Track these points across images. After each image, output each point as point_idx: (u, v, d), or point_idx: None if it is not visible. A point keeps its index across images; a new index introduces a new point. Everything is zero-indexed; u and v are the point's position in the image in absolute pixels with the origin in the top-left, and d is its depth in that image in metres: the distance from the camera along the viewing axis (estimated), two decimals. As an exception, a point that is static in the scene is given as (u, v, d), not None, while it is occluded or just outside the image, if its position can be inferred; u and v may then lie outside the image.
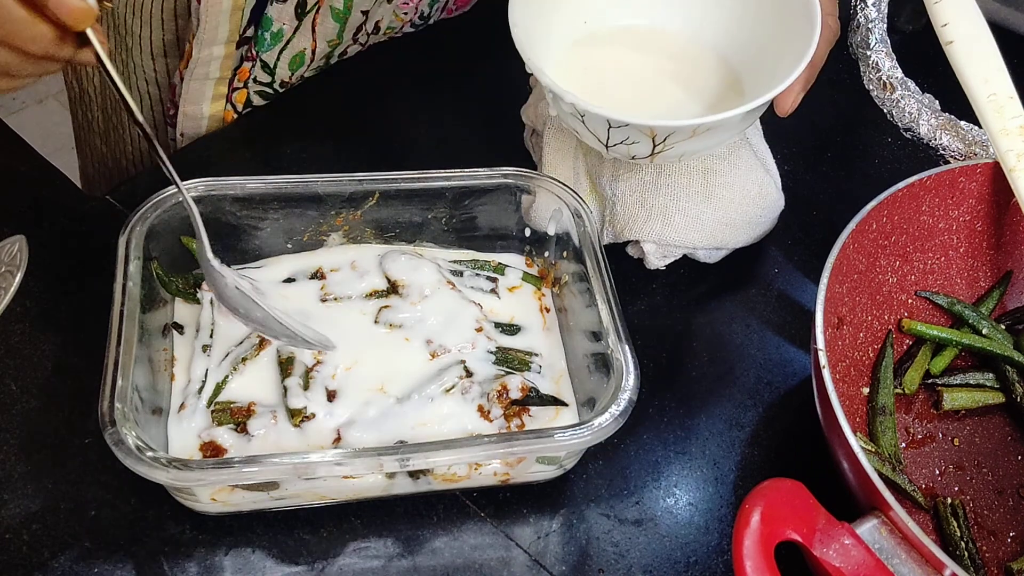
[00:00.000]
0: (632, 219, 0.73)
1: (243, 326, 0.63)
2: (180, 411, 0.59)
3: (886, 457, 0.64)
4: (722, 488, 0.64)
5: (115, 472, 0.60)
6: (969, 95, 0.71)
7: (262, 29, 0.77)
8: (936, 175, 0.69)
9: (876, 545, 0.52)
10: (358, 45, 0.86)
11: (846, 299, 0.66)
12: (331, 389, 0.61)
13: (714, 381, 0.70)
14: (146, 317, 0.59)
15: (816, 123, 0.91)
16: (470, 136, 0.85)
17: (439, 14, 0.90)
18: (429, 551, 0.59)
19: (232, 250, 0.67)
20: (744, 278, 0.77)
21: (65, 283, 0.69)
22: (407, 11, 0.86)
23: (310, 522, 0.59)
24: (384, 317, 0.65)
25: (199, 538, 0.58)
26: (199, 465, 0.52)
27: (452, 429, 0.60)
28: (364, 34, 0.85)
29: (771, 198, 0.75)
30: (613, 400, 0.56)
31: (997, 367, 0.70)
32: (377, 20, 0.84)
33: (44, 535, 0.57)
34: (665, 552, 0.61)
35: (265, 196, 0.65)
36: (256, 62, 0.79)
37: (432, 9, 0.88)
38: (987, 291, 0.75)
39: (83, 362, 0.65)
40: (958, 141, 0.86)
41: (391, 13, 0.85)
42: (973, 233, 0.73)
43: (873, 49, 0.93)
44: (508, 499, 0.62)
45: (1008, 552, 0.62)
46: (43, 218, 0.73)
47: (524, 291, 0.70)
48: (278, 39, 0.78)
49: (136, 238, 0.60)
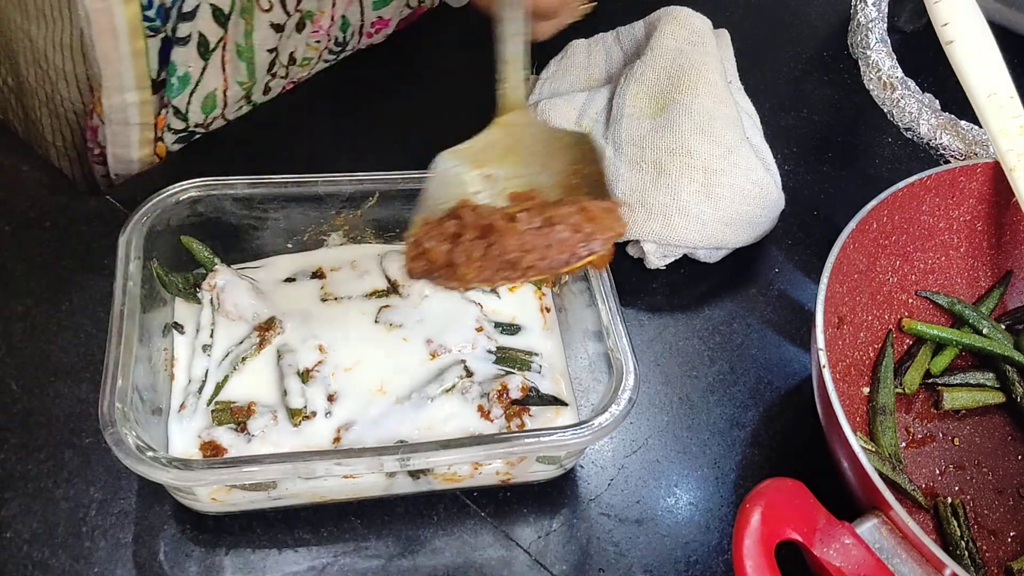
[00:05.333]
0: (632, 219, 0.73)
1: (243, 326, 0.63)
2: (180, 411, 0.60)
3: (886, 457, 0.64)
4: (722, 488, 0.64)
5: (115, 472, 0.60)
6: (969, 95, 0.71)
7: (169, 74, 0.74)
8: (936, 175, 0.69)
9: (876, 545, 0.52)
10: (279, 79, 0.84)
11: (846, 299, 0.66)
12: (331, 389, 0.61)
13: (714, 381, 0.70)
14: (146, 317, 0.59)
15: (816, 123, 0.91)
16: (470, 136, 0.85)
17: (356, 39, 0.88)
18: (429, 551, 0.59)
19: (232, 250, 0.67)
20: (744, 278, 0.77)
21: (65, 283, 0.69)
22: (319, 39, 0.83)
23: (310, 522, 0.59)
24: (384, 317, 0.65)
25: (199, 538, 0.58)
26: (199, 465, 0.51)
27: (452, 429, 0.60)
28: (281, 67, 0.83)
29: (771, 198, 0.75)
30: (613, 400, 0.56)
31: (997, 367, 0.70)
32: (291, 51, 0.82)
33: (44, 535, 0.57)
34: (665, 551, 0.61)
35: (265, 196, 0.65)
36: (169, 108, 0.77)
37: (346, 34, 0.86)
38: (987, 291, 0.75)
39: (83, 362, 0.65)
40: (958, 141, 0.86)
41: (303, 44, 0.82)
42: (973, 233, 0.73)
43: (873, 49, 0.93)
44: (508, 499, 0.62)
45: (1008, 552, 0.62)
46: (43, 218, 0.73)
47: (524, 291, 0.69)
48: (186, 82, 0.76)
49: (136, 238, 0.60)
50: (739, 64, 0.88)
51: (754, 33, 0.98)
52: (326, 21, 0.83)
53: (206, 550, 0.58)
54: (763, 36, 1.00)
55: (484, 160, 0.56)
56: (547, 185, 0.53)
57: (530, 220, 0.48)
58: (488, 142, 0.57)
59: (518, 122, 0.56)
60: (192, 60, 0.74)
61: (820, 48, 0.99)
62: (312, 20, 0.81)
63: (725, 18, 0.89)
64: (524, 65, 0.56)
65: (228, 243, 0.66)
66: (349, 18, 0.85)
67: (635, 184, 0.73)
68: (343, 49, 0.88)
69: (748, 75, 0.87)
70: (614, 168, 0.75)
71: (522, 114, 0.56)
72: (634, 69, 0.82)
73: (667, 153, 0.74)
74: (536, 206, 0.50)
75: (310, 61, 0.86)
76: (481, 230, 0.50)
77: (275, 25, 0.78)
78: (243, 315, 0.63)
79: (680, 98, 0.78)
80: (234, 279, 0.64)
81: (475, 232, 0.50)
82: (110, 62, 0.71)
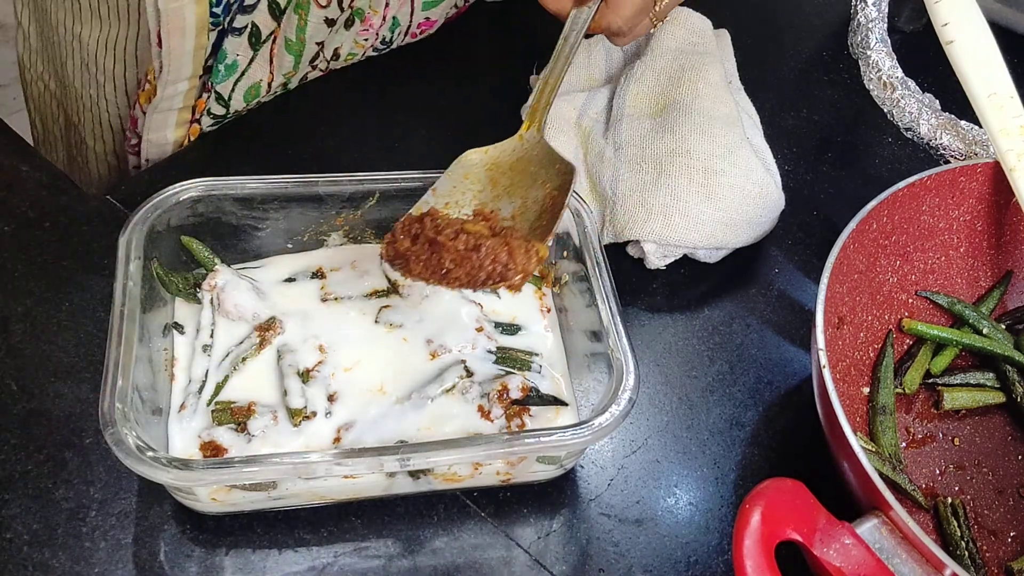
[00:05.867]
0: (632, 219, 0.73)
1: (243, 326, 0.63)
2: (180, 411, 0.59)
3: (886, 457, 0.64)
4: (722, 488, 0.64)
5: (115, 472, 0.60)
6: (969, 95, 0.71)
7: (217, 61, 0.76)
8: (936, 175, 0.69)
9: (876, 545, 0.52)
10: (317, 71, 0.85)
11: (846, 299, 0.66)
12: (331, 389, 0.61)
13: (714, 381, 0.70)
14: (146, 317, 0.59)
15: (816, 123, 0.91)
16: (471, 135, 0.85)
17: (402, 38, 0.89)
18: (429, 551, 0.59)
19: (232, 250, 0.67)
20: (744, 278, 0.77)
21: (65, 283, 0.69)
22: (367, 37, 0.85)
23: (310, 522, 0.59)
24: (384, 317, 0.65)
25: (199, 538, 0.58)
26: (199, 465, 0.51)
27: (452, 429, 0.60)
28: (323, 61, 0.84)
29: (771, 198, 0.75)
30: (613, 400, 0.56)
31: (997, 367, 0.70)
32: (336, 47, 0.83)
33: (44, 535, 0.57)
34: (665, 552, 0.61)
35: (265, 196, 0.65)
36: (211, 94, 0.78)
37: (394, 34, 0.87)
38: (987, 291, 0.75)
39: (83, 362, 0.65)
40: (958, 141, 0.86)
41: (351, 41, 0.84)
42: (973, 233, 0.73)
43: (873, 49, 0.93)
44: (508, 499, 0.62)
45: (1008, 552, 0.62)
46: (43, 218, 0.73)
47: (524, 291, 0.69)
48: (232, 71, 0.77)
49: (136, 238, 0.60)
50: (739, 64, 0.88)
51: (754, 33, 0.98)
52: (377, 20, 0.84)
53: (206, 550, 0.58)
54: (763, 36, 1.00)
55: (495, 166, 0.65)
56: (509, 208, 0.62)
57: (465, 242, 0.58)
58: (504, 150, 0.65)
59: (530, 139, 0.65)
60: (242, 50, 0.76)
61: (820, 48, 0.99)
62: (363, 19, 0.82)
63: (725, 18, 0.90)
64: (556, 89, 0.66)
65: (228, 243, 0.66)
66: (400, 19, 0.86)
67: (635, 184, 0.73)
68: (387, 48, 0.89)
69: (748, 75, 0.88)
70: (614, 168, 0.75)
71: (537, 133, 0.65)
72: (634, 69, 0.82)
73: (667, 153, 0.74)
74: (481, 227, 0.60)
75: (354, 57, 0.87)
76: (429, 240, 0.59)
77: (328, 20, 0.79)
78: (243, 315, 0.63)
79: (680, 98, 0.78)
80: (234, 279, 0.64)
81: (426, 239, 0.60)
82: (174, 57, 0.73)
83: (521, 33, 0.96)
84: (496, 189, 0.64)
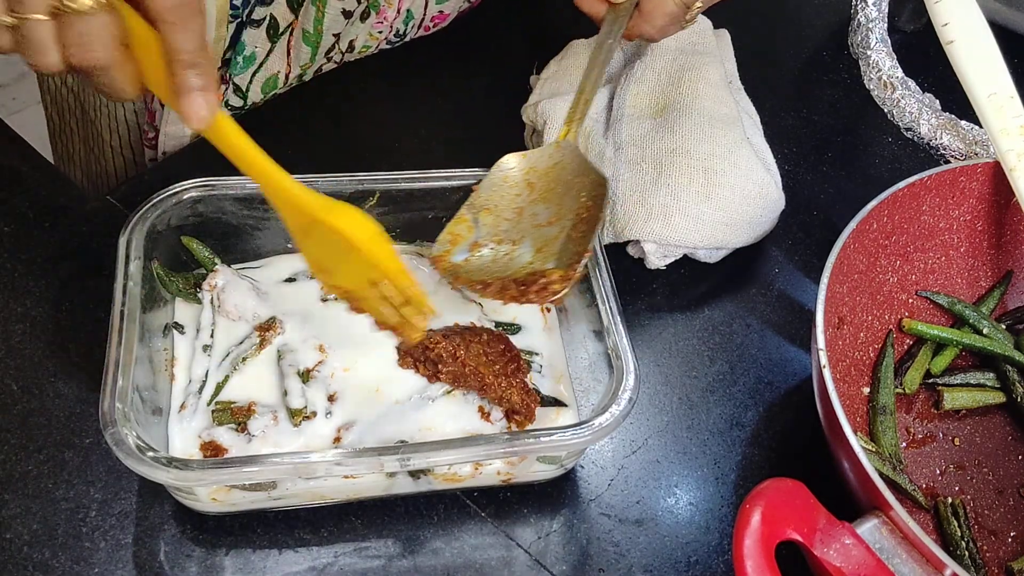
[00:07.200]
0: (632, 219, 0.73)
1: (243, 326, 0.63)
2: (180, 411, 0.59)
3: (887, 457, 0.64)
4: (722, 488, 0.64)
5: (115, 472, 0.60)
6: (969, 95, 0.71)
7: (235, 53, 0.77)
8: (936, 175, 0.69)
9: (877, 545, 0.52)
10: (332, 63, 0.86)
11: (847, 299, 0.66)
12: (332, 389, 0.61)
13: (714, 381, 0.70)
14: (146, 317, 0.59)
15: (816, 123, 0.91)
16: (471, 135, 0.85)
17: (415, 31, 0.90)
18: (429, 551, 0.59)
19: (232, 250, 0.67)
20: (744, 278, 0.77)
21: (65, 283, 0.69)
22: (382, 29, 0.85)
23: (310, 522, 0.59)
24: (384, 317, 0.65)
25: (199, 538, 0.58)
26: (199, 465, 0.51)
27: (453, 430, 0.60)
28: (338, 52, 0.85)
29: (771, 198, 0.75)
30: (613, 400, 0.56)
31: (997, 367, 0.70)
32: (351, 39, 0.84)
33: (44, 535, 0.57)
34: (666, 552, 0.61)
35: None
36: (230, 86, 0.79)
37: (407, 27, 0.88)
38: (988, 291, 0.75)
39: (83, 362, 0.65)
40: (958, 141, 0.86)
41: (365, 33, 0.85)
42: (974, 233, 0.73)
43: (873, 49, 0.93)
44: (509, 499, 0.62)
45: (1009, 552, 0.62)
46: (43, 218, 0.73)
47: (524, 291, 0.69)
48: (251, 62, 0.78)
49: (136, 238, 0.60)
50: (739, 64, 0.88)
51: (754, 33, 0.98)
52: (391, 13, 0.85)
53: (206, 550, 0.58)
54: (763, 36, 1.00)
55: (532, 171, 0.67)
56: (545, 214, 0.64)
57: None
58: (541, 156, 0.67)
59: (566, 147, 0.67)
60: (260, 41, 0.77)
61: (820, 48, 0.99)
62: (378, 11, 0.83)
63: (725, 18, 0.89)
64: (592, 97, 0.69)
65: (228, 243, 0.66)
66: (413, 11, 0.87)
67: (635, 184, 0.73)
68: (400, 40, 0.90)
69: (748, 75, 0.87)
70: (614, 168, 0.75)
71: (572, 141, 0.67)
72: (634, 69, 0.82)
73: (667, 153, 0.74)
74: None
75: (368, 49, 0.88)
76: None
77: (346, 12, 0.80)
78: (243, 315, 0.63)
79: (680, 98, 0.78)
80: (234, 279, 0.64)
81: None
82: None
83: (521, 33, 0.96)
84: (533, 194, 0.65)
